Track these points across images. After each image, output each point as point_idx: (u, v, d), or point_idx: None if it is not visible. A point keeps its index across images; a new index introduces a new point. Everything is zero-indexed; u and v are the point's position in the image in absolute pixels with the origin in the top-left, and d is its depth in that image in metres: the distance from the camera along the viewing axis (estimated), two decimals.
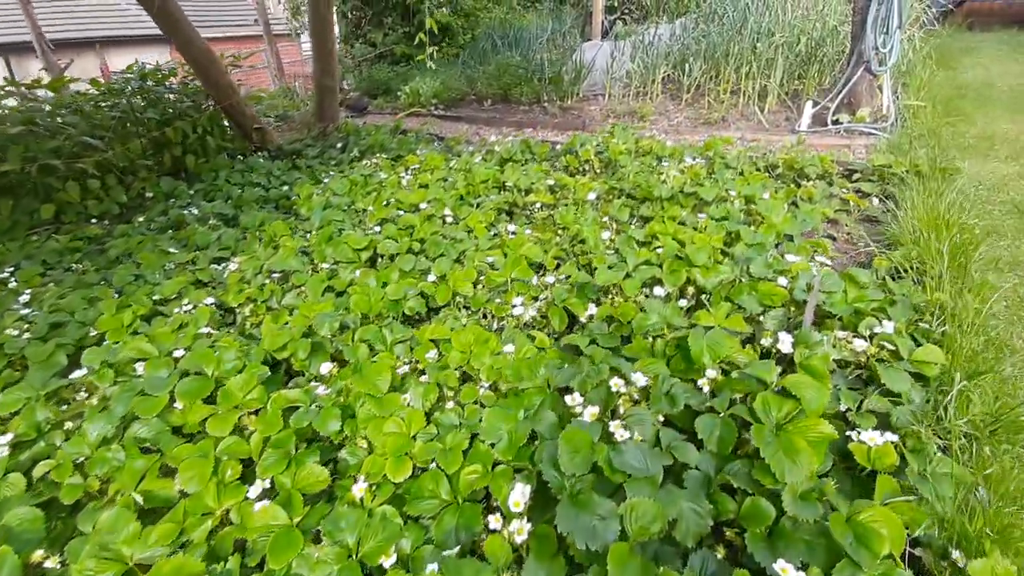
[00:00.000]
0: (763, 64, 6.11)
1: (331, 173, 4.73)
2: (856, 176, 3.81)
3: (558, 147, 5.08)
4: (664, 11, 11.48)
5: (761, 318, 2.06)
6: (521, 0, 13.93)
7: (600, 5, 11.87)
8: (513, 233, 3.13)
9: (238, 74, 11.23)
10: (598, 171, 4.23)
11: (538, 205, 3.50)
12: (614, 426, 1.38)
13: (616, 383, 1.52)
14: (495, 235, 3.17)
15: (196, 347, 2.17)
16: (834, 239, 3.13)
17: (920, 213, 2.78)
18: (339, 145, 5.62)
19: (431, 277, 2.59)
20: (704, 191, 3.03)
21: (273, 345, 2.04)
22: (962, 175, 3.52)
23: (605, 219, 3.05)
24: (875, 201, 3.38)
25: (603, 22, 12.27)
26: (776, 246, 2.80)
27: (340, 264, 2.78)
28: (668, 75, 7.03)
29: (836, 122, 4.91)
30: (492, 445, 1.45)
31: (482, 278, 2.56)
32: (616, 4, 14.08)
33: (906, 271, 2.39)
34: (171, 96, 5.58)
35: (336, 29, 10.90)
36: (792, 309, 2.07)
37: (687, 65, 6.75)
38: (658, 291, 2.20)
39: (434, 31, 4.41)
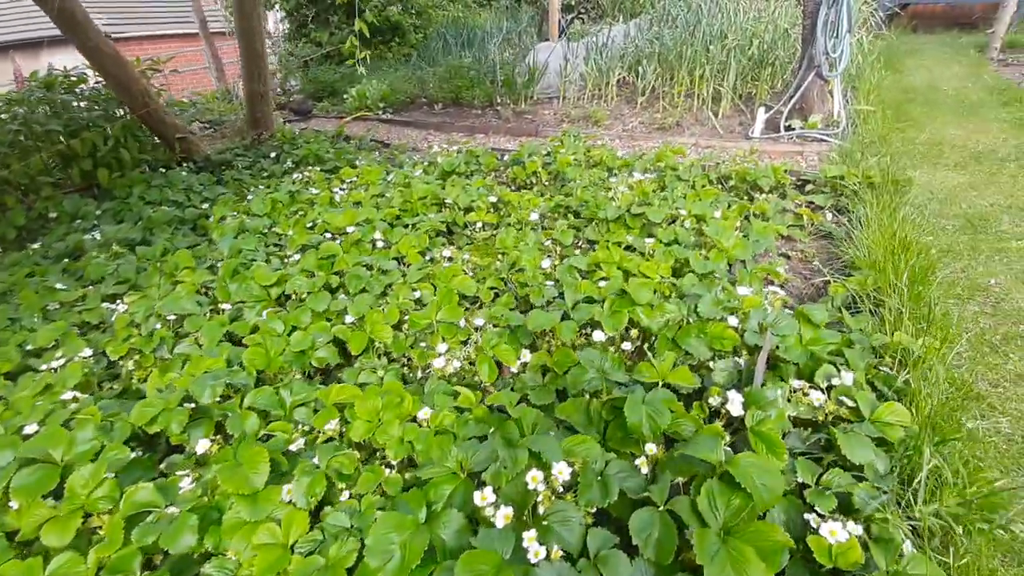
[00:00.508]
0: (716, 67, 5.99)
1: (260, 187, 4.33)
2: (809, 187, 3.68)
3: (507, 156, 4.82)
4: (620, 11, 11.37)
5: (711, 364, 1.84)
6: None
7: (556, 4, 11.67)
8: (449, 259, 2.85)
9: (176, 76, 10.54)
10: (546, 183, 3.98)
11: (479, 225, 3.22)
12: (528, 539, 1.12)
13: (535, 477, 1.26)
14: (430, 260, 2.88)
15: (51, 420, 1.80)
16: (788, 258, 2.96)
17: (874, 232, 2.63)
18: (272, 155, 5.21)
19: (349, 318, 2.28)
20: (652, 211, 2.81)
21: (141, 419, 1.70)
22: (914, 186, 3.43)
23: (548, 243, 2.79)
24: (828, 215, 3.24)
25: (560, 21, 12.08)
26: (729, 268, 2.61)
27: (246, 304, 2.44)
28: (623, 78, 6.85)
29: (789, 128, 4.80)
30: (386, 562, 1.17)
31: (407, 318, 2.27)
32: (573, 3, 13.92)
33: (863, 299, 2.22)
34: (80, 104, 5.05)
35: (281, 27, 10.33)
36: (744, 354, 1.86)
37: (641, 68, 6.59)
38: (598, 335, 1.96)
39: (364, 34, 4.08)
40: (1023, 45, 7.35)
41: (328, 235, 3.12)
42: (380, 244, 2.98)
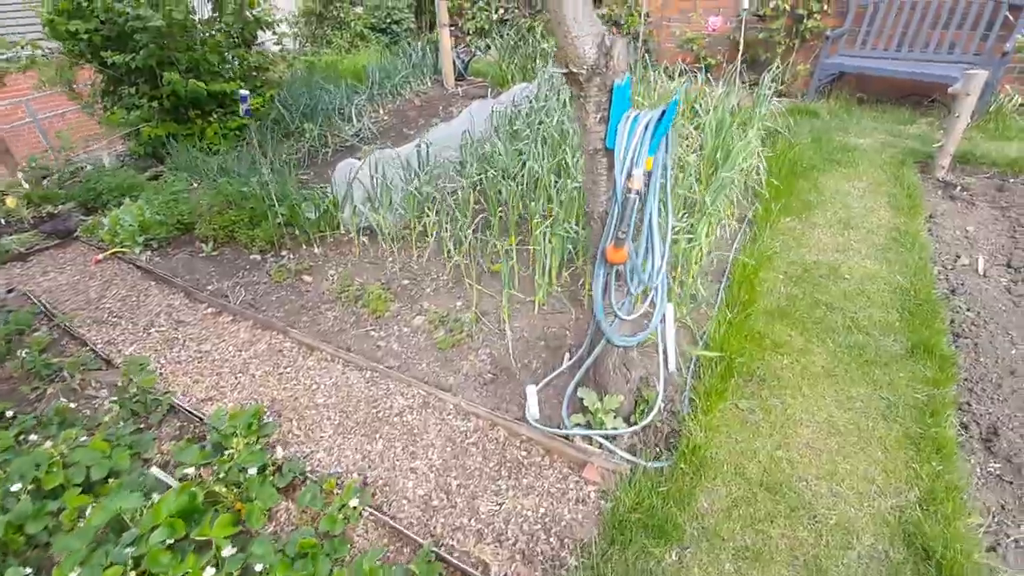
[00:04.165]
0: (538, 227, 4.30)
1: None
2: None
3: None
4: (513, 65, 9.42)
5: None
6: (363, 29, 11.53)
7: (448, 43, 9.79)
8: None
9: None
10: None
11: None
12: None
13: None
14: None
15: None
16: None
17: None
18: None
19: None
20: None
21: None
22: None
23: None
24: None
25: (455, 61, 10.21)
26: None
27: None
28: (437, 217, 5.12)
29: (581, 405, 3.18)
30: None
31: None
32: (486, 26, 11.93)
33: None
34: None
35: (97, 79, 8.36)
36: None
37: (454, 206, 4.88)
38: None
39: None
40: (976, 161, 5.64)
41: None
42: None
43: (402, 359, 3.88)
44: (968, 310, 3.73)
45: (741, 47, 6.66)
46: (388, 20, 12.01)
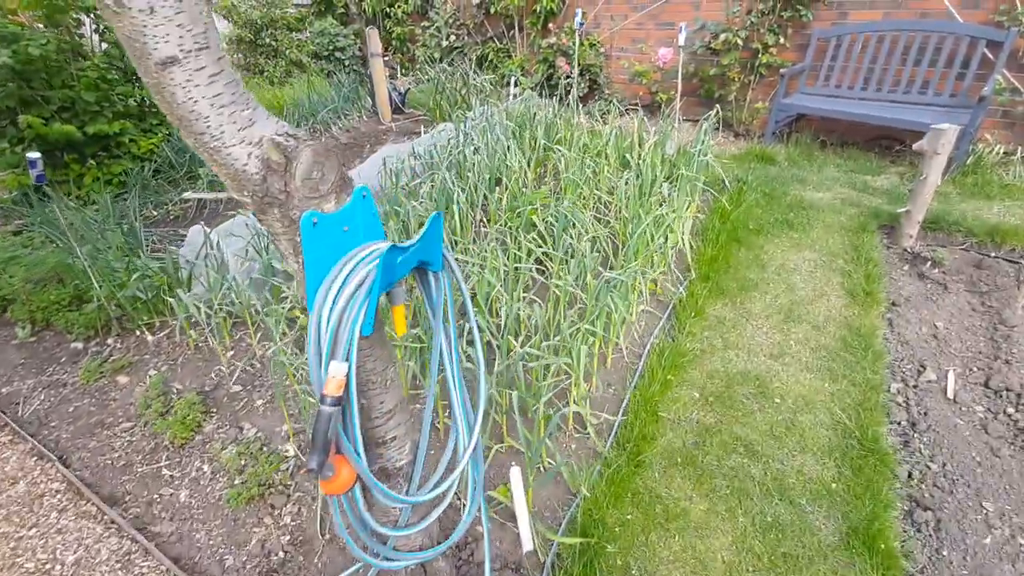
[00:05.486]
0: None
1: None
2: None
3: None
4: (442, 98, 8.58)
5: None
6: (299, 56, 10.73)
7: (382, 73, 8.96)
8: None
9: None
10: None
11: None
12: None
13: None
14: None
15: None
16: None
17: None
18: None
19: None
20: None
21: None
22: None
23: None
24: None
25: (392, 95, 9.38)
26: None
27: None
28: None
29: None
30: None
31: None
32: (436, 54, 11.12)
33: None
34: None
35: None
36: None
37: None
38: None
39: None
40: (950, 227, 4.74)
41: None
42: None
43: (181, 520, 2.91)
44: (931, 459, 2.79)
45: (679, 86, 5.81)
46: (331, 47, 11.22)
